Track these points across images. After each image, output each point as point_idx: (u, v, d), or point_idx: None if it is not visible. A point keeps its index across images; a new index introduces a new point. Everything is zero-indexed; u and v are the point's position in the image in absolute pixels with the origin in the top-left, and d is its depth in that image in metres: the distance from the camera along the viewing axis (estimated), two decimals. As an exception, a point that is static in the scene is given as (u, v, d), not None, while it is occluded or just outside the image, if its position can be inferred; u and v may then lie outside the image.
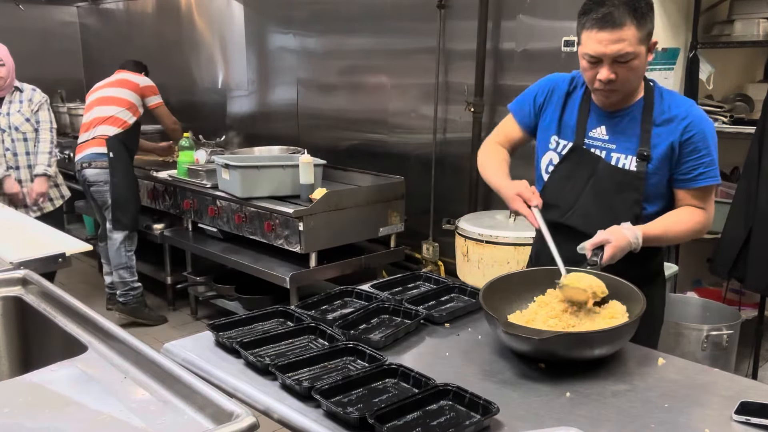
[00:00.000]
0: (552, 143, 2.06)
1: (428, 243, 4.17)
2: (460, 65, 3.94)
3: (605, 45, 1.79)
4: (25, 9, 6.95)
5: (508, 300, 1.82)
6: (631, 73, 1.84)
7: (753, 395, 1.43)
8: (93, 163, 4.32)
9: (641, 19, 1.78)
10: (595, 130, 1.99)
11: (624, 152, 1.94)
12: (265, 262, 3.83)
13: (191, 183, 4.27)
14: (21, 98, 4.13)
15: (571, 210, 2.01)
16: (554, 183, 2.06)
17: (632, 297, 1.72)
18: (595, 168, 1.97)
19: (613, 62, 1.81)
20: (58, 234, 2.51)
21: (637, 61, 1.82)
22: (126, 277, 4.45)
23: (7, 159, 4.04)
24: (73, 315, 1.57)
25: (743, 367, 3.46)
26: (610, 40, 1.78)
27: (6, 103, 4.08)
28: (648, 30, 1.81)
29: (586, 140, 2.00)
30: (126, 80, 4.49)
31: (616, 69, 1.82)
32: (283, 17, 5.09)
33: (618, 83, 1.85)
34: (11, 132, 4.04)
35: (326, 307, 1.95)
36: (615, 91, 1.89)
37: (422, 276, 2.18)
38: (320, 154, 4.13)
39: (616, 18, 1.77)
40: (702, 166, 1.90)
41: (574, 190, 2.01)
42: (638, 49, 1.80)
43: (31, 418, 1.21)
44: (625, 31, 1.77)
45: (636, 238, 1.83)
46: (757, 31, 3.34)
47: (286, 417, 1.41)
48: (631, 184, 1.92)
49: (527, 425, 1.35)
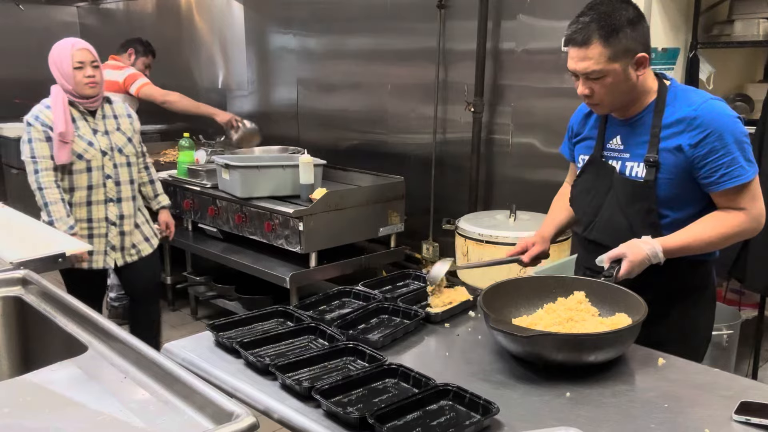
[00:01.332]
0: (579, 162, 2.07)
1: (428, 243, 4.17)
2: (460, 65, 3.94)
3: (575, 62, 1.82)
4: (25, 9, 6.95)
5: (515, 304, 1.81)
6: (606, 90, 1.82)
7: (753, 395, 1.43)
8: None
9: (609, 36, 1.75)
10: (612, 141, 1.97)
11: (636, 160, 1.90)
12: (265, 262, 3.83)
13: (191, 183, 4.26)
14: (114, 112, 3.22)
15: (592, 224, 2.01)
16: (576, 197, 2.08)
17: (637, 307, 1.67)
18: (611, 180, 1.95)
19: (587, 78, 1.82)
20: (58, 234, 2.51)
21: (609, 79, 1.79)
22: None
23: (107, 189, 3.11)
24: (73, 315, 1.57)
25: (743, 367, 3.46)
26: (578, 57, 1.80)
27: (99, 117, 3.15)
28: (623, 47, 1.77)
29: (604, 152, 1.98)
30: (110, 82, 4.38)
31: (590, 85, 1.82)
32: (283, 17, 5.10)
33: (596, 98, 1.85)
34: (113, 155, 3.13)
35: (324, 307, 1.95)
36: (597, 105, 1.89)
37: (411, 274, 2.19)
38: (320, 154, 4.13)
39: (582, 36, 1.78)
40: (722, 167, 1.78)
41: (593, 203, 2.00)
42: (608, 67, 1.77)
43: (31, 418, 1.20)
44: (591, 50, 1.77)
45: (654, 252, 1.78)
46: (757, 31, 3.33)
47: (286, 417, 1.41)
48: (642, 194, 1.87)
49: (527, 425, 1.35)
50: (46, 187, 2.94)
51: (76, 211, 3.05)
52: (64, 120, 2.97)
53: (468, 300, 1.93)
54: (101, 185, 3.08)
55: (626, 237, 1.86)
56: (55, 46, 3.07)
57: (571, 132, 2.15)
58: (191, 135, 4.56)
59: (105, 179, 3.08)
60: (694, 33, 3.46)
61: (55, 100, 3.01)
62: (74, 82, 2.98)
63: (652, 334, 1.75)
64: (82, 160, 3.02)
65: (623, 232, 1.90)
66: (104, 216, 3.11)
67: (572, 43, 1.81)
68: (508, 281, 1.88)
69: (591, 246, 2.02)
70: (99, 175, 3.07)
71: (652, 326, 1.81)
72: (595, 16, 1.77)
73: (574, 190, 2.09)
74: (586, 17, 1.79)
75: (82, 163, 3.02)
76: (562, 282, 1.84)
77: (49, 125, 2.98)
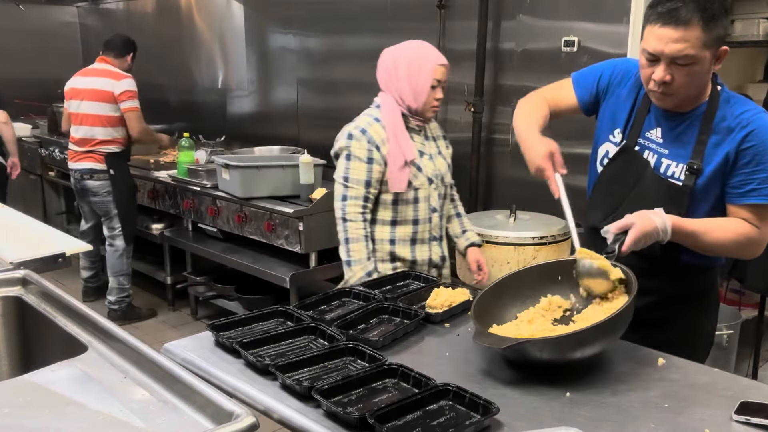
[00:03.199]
0: (615, 136, 1.92)
1: (428, 243, 4.16)
2: (460, 65, 3.93)
3: (665, 43, 1.65)
4: (25, 9, 6.95)
5: (521, 297, 1.79)
6: (689, 79, 1.69)
7: (753, 395, 1.43)
8: (94, 175, 4.38)
9: (710, 21, 1.63)
10: (652, 132, 1.85)
11: (675, 159, 1.80)
12: (265, 262, 3.83)
13: (191, 183, 4.27)
14: (433, 132, 2.66)
15: (611, 216, 1.87)
16: (602, 184, 1.95)
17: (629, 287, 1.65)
18: (642, 174, 1.84)
19: (671, 63, 1.67)
20: (58, 234, 2.51)
21: (697, 67, 1.67)
22: (125, 283, 4.53)
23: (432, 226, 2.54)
24: (73, 315, 1.57)
25: (743, 367, 3.46)
26: (671, 38, 1.64)
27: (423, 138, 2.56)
28: (717, 35, 1.65)
29: (640, 140, 1.86)
30: (101, 92, 4.30)
31: (673, 71, 1.68)
32: (283, 17, 5.09)
33: (674, 86, 1.71)
34: (438, 184, 2.55)
35: (324, 307, 1.95)
36: (669, 95, 1.74)
37: (411, 274, 2.19)
38: (320, 154, 4.13)
39: (682, 15, 1.62)
40: (755, 181, 1.72)
41: (619, 194, 1.89)
42: (701, 54, 1.65)
43: (31, 418, 1.20)
44: (689, 31, 1.63)
45: (664, 226, 1.69)
46: (757, 31, 3.34)
47: (286, 417, 1.41)
48: (675, 198, 1.78)
49: (527, 425, 1.35)
50: (351, 220, 2.39)
51: (399, 249, 2.49)
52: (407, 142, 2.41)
53: (468, 300, 1.93)
54: (427, 220, 2.51)
55: None
56: (410, 49, 2.47)
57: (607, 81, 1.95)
58: (191, 135, 4.56)
59: (431, 213, 2.51)
60: (694, 33, 3.46)
61: (392, 115, 2.43)
62: (423, 102, 2.42)
63: (656, 338, 1.74)
64: (410, 188, 2.44)
65: None
66: (428, 258, 2.53)
67: (668, 21, 1.63)
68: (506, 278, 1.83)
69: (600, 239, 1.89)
70: (426, 207, 2.49)
71: (656, 330, 1.81)
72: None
73: (600, 178, 1.95)
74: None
75: (410, 192, 2.45)
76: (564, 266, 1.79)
77: (376, 143, 2.40)
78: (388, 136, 2.40)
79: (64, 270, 2.32)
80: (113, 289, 4.51)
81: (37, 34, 7.00)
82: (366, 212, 2.41)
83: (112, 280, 4.50)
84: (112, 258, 4.46)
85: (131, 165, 4.62)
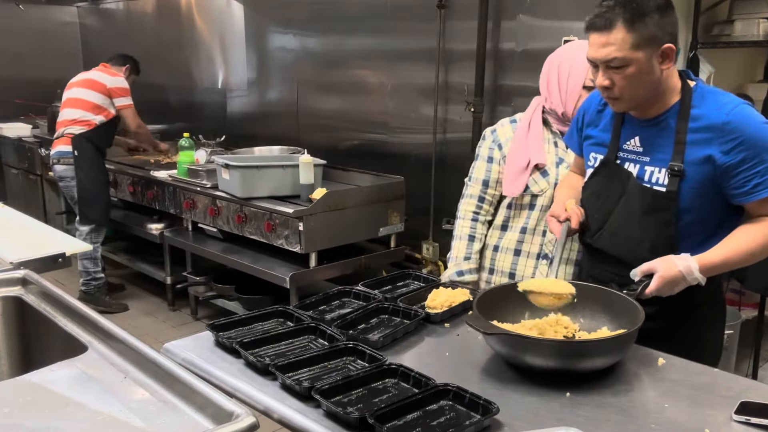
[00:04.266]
0: (591, 160, 1.94)
1: (428, 243, 4.17)
2: (460, 65, 3.93)
3: (596, 49, 1.69)
4: (25, 9, 6.95)
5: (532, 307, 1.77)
6: (628, 81, 1.68)
7: (753, 395, 1.43)
8: (61, 159, 4.55)
9: (634, 22, 1.63)
10: (630, 142, 1.83)
11: (657, 165, 1.77)
12: (265, 262, 3.83)
13: (191, 183, 4.27)
14: None
15: (601, 231, 1.89)
16: (585, 200, 1.95)
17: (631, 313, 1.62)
18: (625, 185, 1.83)
19: (607, 68, 1.69)
20: (58, 234, 2.51)
21: (632, 69, 1.66)
22: (89, 267, 4.64)
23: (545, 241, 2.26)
24: (73, 315, 1.57)
25: (743, 367, 3.46)
26: (599, 43, 1.67)
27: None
28: (648, 34, 1.64)
29: (620, 153, 1.85)
30: (94, 81, 4.58)
31: (610, 75, 1.69)
32: (283, 17, 5.09)
33: (616, 91, 1.71)
34: None
35: (324, 307, 1.95)
36: (616, 99, 1.74)
37: (411, 275, 2.19)
38: (320, 154, 4.13)
39: (606, 19, 1.65)
40: (757, 176, 1.67)
41: (603, 209, 1.88)
42: (631, 55, 1.65)
43: (31, 418, 1.20)
44: (613, 35, 1.65)
45: (689, 269, 1.66)
46: (757, 31, 3.34)
47: (286, 417, 1.41)
48: (662, 205, 1.75)
49: (527, 425, 1.35)
50: (461, 217, 2.34)
51: (500, 259, 2.31)
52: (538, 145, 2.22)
53: (468, 300, 1.93)
54: (539, 233, 2.25)
55: (637, 248, 1.79)
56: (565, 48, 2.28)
57: (581, 122, 1.99)
58: (191, 135, 4.56)
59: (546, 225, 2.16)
60: (694, 33, 3.46)
61: (529, 116, 2.27)
62: (574, 106, 2.16)
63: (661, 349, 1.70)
64: (526, 193, 2.23)
65: (634, 243, 1.81)
66: (531, 275, 2.27)
67: (593, 28, 1.68)
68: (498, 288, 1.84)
69: (596, 254, 1.92)
70: (541, 217, 2.23)
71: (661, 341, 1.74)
72: (621, 1, 1.65)
73: (584, 193, 1.96)
74: (611, 0, 1.67)
75: (526, 197, 2.24)
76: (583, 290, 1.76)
77: (499, 142, 2.30)
78: (515, 136, 2.27)
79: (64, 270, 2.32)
80: (80, 272, 4.65)
81: (37, 34, 7.00)
82: (480, 212, 2.32)
83: (79, 263, 4.62)
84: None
85: (126, 163, 4.67)
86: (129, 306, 4.81)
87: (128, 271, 5.36)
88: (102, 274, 4.72)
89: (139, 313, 4.73)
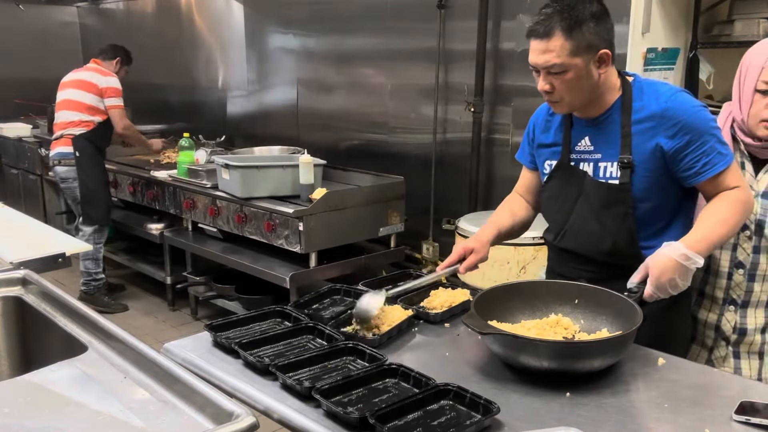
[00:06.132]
0: (546, 168, 2.00)
1: (428, 243, 4.17)
2: (460, 65, 3.94)
3: (536, 55, 1.76)
4: (25, 9, 6.95)
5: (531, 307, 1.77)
6: (568, 85, 1.76)
7: (753, 395, 1.43)
8: (62, 161, 4.56)
9: (572, 29, 1.71)
10: (581, 142, 1.90)
11: (609, 159, 1.85)
12: (265, 262, 3.83)
13: (191, 183, 4.27)
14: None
15: (562, 231, 1.95)
16: (543, 204, 2.03)
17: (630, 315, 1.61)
18: (581, 185, 1.89)
19: (547, 73, 1.76)
20: (58, 234, 2.51)
21: (571, 74, 1.74)
22: (90, 267, 4.65)
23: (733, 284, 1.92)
24: (73, 315, 1.57)
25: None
26: (539, 50, 1.75)
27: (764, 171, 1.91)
28: (586, 42, 1.72)
29: (573, 155, 1.92)
30: (86, 82, 4.59)
31: (551, 80, 1.76)
32: (283, 17, 5.10)
33: (556, 95, 1.79)
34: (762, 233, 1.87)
35: (317, 306, 1.95)
36: (557, 102, 1.82)
37: (411, 275, 2.19)
38: (320, 154, 4.13)
39: (546, 27, 1.72)
40: (704, 155, 1.75)
41: (563, 210, 1.94)
42: (569, 61, 1.72)
43: (31, 418, 1.20)
44: (552, 42, 1.72)
45: (678, 252, 1.66)
46: (757, 31, 3.33)
47: (286, 417, 1.41)
48: (617, 197, 1.82)
49: (527, 425, 1.35)
50: None
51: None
52: None
53: (468, 300, 1.93)
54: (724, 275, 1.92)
55: (599, 243, 1.85)
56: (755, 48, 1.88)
57: (531, 135, 2.07)
58: (191, 135, 4.56)
59: (732, 266, 1.90)
60: (694, 33, 3.46)
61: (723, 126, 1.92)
62: (747, 110, 1.84)
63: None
64: None
65: (596, 237, 1.87)
66: (714, 322, 1.95)
67: (533, 34, 1.75)
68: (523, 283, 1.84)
69: (562, 253, 1.98)
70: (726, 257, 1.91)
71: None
72: (558, 8, 1.73)
73: (542, 197, 2.03)
74: (549, 9, 1.74)
75: None
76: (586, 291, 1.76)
77: None
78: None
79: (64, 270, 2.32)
80: (81, 273, 4.65)
81: (37, 34, 7.00)
82: None
83: (81, 263, 4.62)
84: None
85: (126, 163, 4.67)
86: (129, 306, 4.81)
87: (128, 271, 5.36)
88: (102, 275, 4.73)
89: (139, 313, 4.73)
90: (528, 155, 2.10)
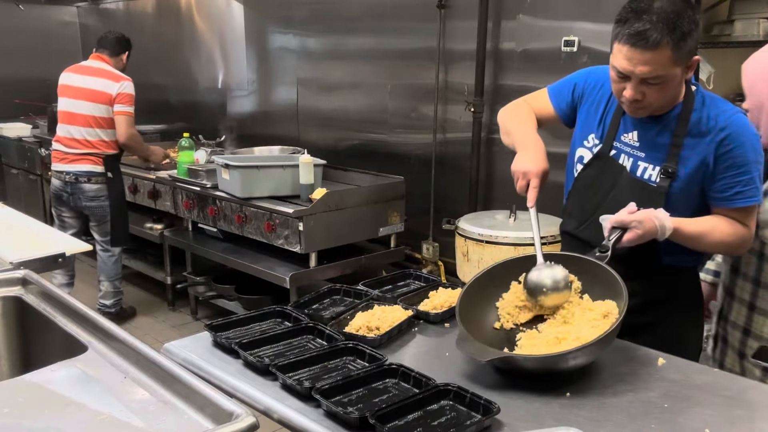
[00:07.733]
0: (589, 141, 1.92)
1: (428, 243, 4.17)
2: (460, 65, 3.94)
3: (634, 64, 1.64)
4: (25, 9, 6.95)
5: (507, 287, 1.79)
6: (661, 94, 1.69)
7: (753, 395, 1.43)
8: (92, 178, 4.26)
9: (681, 40, 1.60)
10: (628, 135, 1.84)
11: (652, 162, 1.80)
12: (265, 262, 3.83)
13: (191, 183, 4.26)
14: None
15: (587, 222, 1.90)
16: (577, 191, 1.96)
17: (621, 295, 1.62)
18: (617, 179, 1.84)
19: (641, 82, 1.66)
20: (58, 234, 2.51)
21: (669, 83, 1.68)
22: (119, 286, 4.55)
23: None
24: (73, 315, 1.57)
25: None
26: (640, 60, 1.62)
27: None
28: (688, 49, 1.64)
29: (616, 144, 1.86)
30: (99, 93, 4.20)
31: (643, 89, 1.67)
32: (283, 17, 5.09)
33: (645, 102, 1.71)
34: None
35: (317, 306, 1.95)
36: (642, 109, 1.74)
37: (412, 274, 2.19)
38: (320, 154, 4.13)
39: (652, 38, 1.59)
40: (739, 184, 1.72)
41: (593, 201, 1.89)
42: (671, 72, 1.64)
43: (31, 418, 1.20)
44: (659, 53, 1.60)
45: (664, 227, 1.68)
46: (757, 31, 3.33)
47: (286, 417, 1.41)
48: (650, 199, 1.76)
49: (527, 425, 1.35)
50: None
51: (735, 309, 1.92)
52: None
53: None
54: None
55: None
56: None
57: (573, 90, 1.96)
58: (191, 135, 4.56)
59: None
60: (694, 33, 3.45)
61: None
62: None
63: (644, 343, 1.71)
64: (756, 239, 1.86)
65: None
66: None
67: (637, 43, 1.61)
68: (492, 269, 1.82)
69: (580, 245, 1.91)
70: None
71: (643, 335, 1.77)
72: (663, 16, 1.59)
73: (574, 185, 1.96)
74: (652, 15, 1.60)
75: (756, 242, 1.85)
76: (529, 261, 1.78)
77: None
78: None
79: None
80: (108, 293, 4.48)
81: (37, 34, 7.00)
82: None
83: (107, 284, 4.47)
84: (107, 263, 4.43)
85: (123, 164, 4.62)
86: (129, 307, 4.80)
87: (128, 271, 5.35)
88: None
89: (139, 313, 4.73)
90: (564, 99, 1.99)
